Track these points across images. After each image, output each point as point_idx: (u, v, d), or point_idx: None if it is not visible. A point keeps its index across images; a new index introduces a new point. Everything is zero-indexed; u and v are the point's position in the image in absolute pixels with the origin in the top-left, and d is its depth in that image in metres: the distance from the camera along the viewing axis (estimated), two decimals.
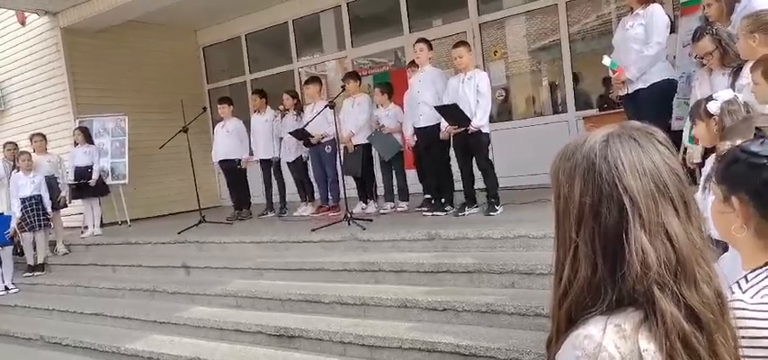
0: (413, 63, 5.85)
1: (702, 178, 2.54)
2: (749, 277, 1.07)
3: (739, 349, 0.83)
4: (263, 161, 7.10)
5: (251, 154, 7.13)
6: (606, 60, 4.20)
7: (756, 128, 2.49)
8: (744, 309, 0.99)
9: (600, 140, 0.83)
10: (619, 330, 0.76)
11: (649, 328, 0.76)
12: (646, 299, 0.77)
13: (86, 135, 7.38)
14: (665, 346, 0.75)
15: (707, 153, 2.71)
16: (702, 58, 3.45)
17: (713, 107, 2.51)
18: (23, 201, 6.41)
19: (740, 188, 1.10)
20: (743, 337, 0.90)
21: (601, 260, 0.80)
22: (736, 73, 3.26)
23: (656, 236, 0.78)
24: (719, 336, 0.79)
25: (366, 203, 6.35)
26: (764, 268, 1.07)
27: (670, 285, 0.77)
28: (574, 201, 0.82)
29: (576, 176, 0.82)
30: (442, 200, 5.43)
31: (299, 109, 6.85)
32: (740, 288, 1.05)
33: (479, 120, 4.92)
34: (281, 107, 6.99)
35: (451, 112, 4.95)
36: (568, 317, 0.82)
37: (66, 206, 7.20)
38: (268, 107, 7.15)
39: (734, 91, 2.85)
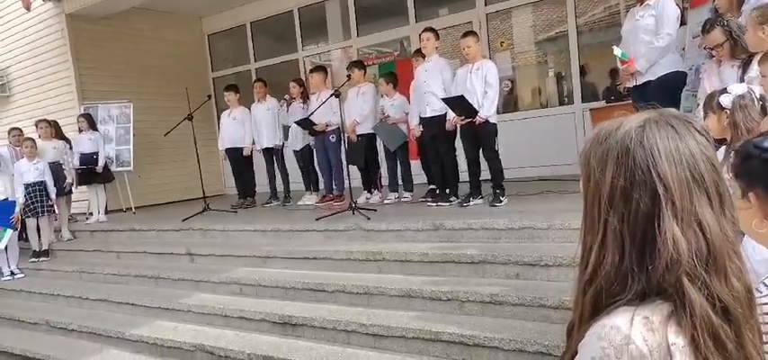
0: (418, 52, 5.81)
1: None
2: None
3: (765, 343, 0.81)
4: (265, 150, 7.09)
5: (253, 143, 7.12)
6: (617, 51, 4.17)
7: None
8: None
9: (636, 126, 0.81)
10: (647, 322, 0.74)
11: (678, 321, 0.75)
12: (675, 290, 0.75)
13: (90, 122, 7.39)
14: (697, 340, 0.73)
15: (717, 144, 2.69)
16: (712, 49, 3.41)
17: (725, 100, 2.49)
18: (27, 187, 6.42)
19: (756, 184, 1.08)
20: None
21: (630, 247, 0.78)
22: (746, 65, 3.23)
23: (688, 226, 0.76)
24: (747, 331, 0.77)
25: (370, 193, 6.34)
26: None
27: (701, 277, 0.75)
28: (605, 185, 0.80)
29: (609, 161, 0.80)
30: (447, 190, 5.42)
31: (306, 97, 6.83)
32: None
33: (487, 110, 4.90)
34: (287, 96, 6.98)
35: (459, 104, 4.92)
36: (593, 304, 0.81)
37: (71, 192, 7.22)
38: (268, 95, 7.13)
39: (743, 83, 2.83)
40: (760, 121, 2.42)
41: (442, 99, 5.09)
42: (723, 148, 2.41)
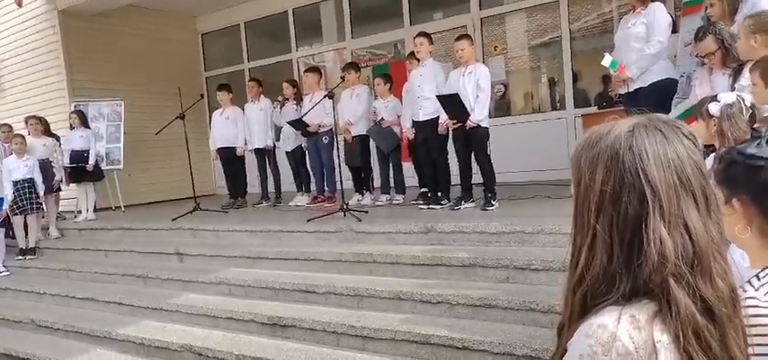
0: (412, 55, 5.81)
1: None
2: (761, 276, 1.07)
3: (749, 345, 0.83)
4: (257, 150, 7.06)
5: (245, 143, 7.09)
6: (606, 60, 4.19)
7: (752, 128, 2.49)
8: (758, 306, 0.99)
9: (625, 130, 0.83)
10: (633, 321, 0.76)
11: (663, 319, 0.76)
12: (661, 290, 0.77)
13: (83, 119, 7.33)
14: (681, 338, 0.75)
15: (706, 151, 2.70)
16: (704, 57, 3.43)
17: (714, 109, 2.51)
18: (15, 184, 6.35)
19: (740, 190, 1.09)
20: (757, 335, 0.90)
21: (618, 248, 0.80)
22: (737, 73, 3.25)
23: (675, 228, 0.78)
24: (731, 330, 0.79)
25: (362, 195, 6.33)
26: None
27: (686, 277, 0.77)
28: (594, 189, 0.82)
29: (599, 164, 0.82)
30: (439, 193, 5.42)
31: (299, 98, 6.81)
32: (753, 286, 1.04)
33: (478, 114, 4.90)
34: (281, 97, 6.95)
35: (452, 103, 4.91)
36: (582, 304, 0.83)
37: (60, 190, 7.16)
38: (262, 96, 7.10)
39: (735, 91, 2.84)
40: (747, 130, 2.43)
41: (437, 96, 5.08)
42: (712, 155, 2.42)
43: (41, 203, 6.59)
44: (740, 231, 1.10)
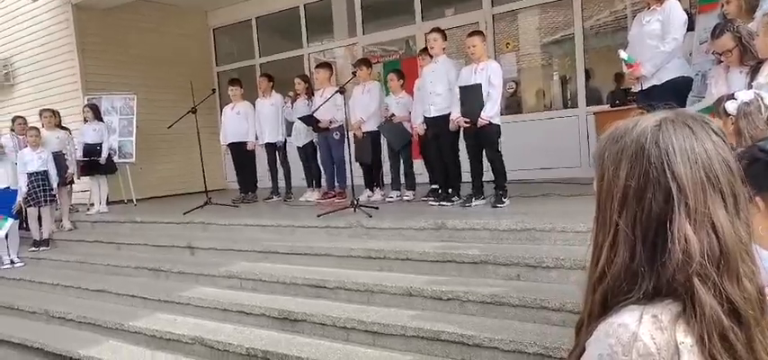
0: (425, 51, 5.79)
1: None
2: None
3: None
4: (268, 145, 7.08)
5: (256, 138, 7.11)
6: (623, 54, 4.15)
7: None
8: None
9: (652, 125, 0.80)
10: (655, 321, 0.74)
11: (687, 320, 0.74)
12: (685, 289, 0.75)
13: (96, 112, 7.40)
14: (706, 341, 0.73)
15: None
16: (721, 54, 3.39)
17: (731, 107, 2.47)
18: (30, 176, 6.42)
19: (763, 187, 1.07)
20: None
21: (641, 246, 0.78)
22: (754, 71, 3.20)
23: (701, 226, 0.75)
24: (758, 333, 0.77)
25: (372, 191, 6.33)
26: None
27: (712, 278, 0.74)
28: (618, 184, 0.80)
29: (623, 159, 0.80)
30: (449, 190, 5.40)
31: (310, 94, 6.82)
32: None
33: (489, 111, 4.87)
34: (292, 92, 6.97)
35: (471, 94, 4.88)
36: (602, 302, 0.81)
37: (73, 182, 7.23)
38: (273, 91, 7.12)
39: (752, 89, 2.80)
40: (765, 129, 2.39)
41: (459, 87, 5.03)
42: None
43: (55, 195, 6.66)
44: (765, 230, 1.08)
